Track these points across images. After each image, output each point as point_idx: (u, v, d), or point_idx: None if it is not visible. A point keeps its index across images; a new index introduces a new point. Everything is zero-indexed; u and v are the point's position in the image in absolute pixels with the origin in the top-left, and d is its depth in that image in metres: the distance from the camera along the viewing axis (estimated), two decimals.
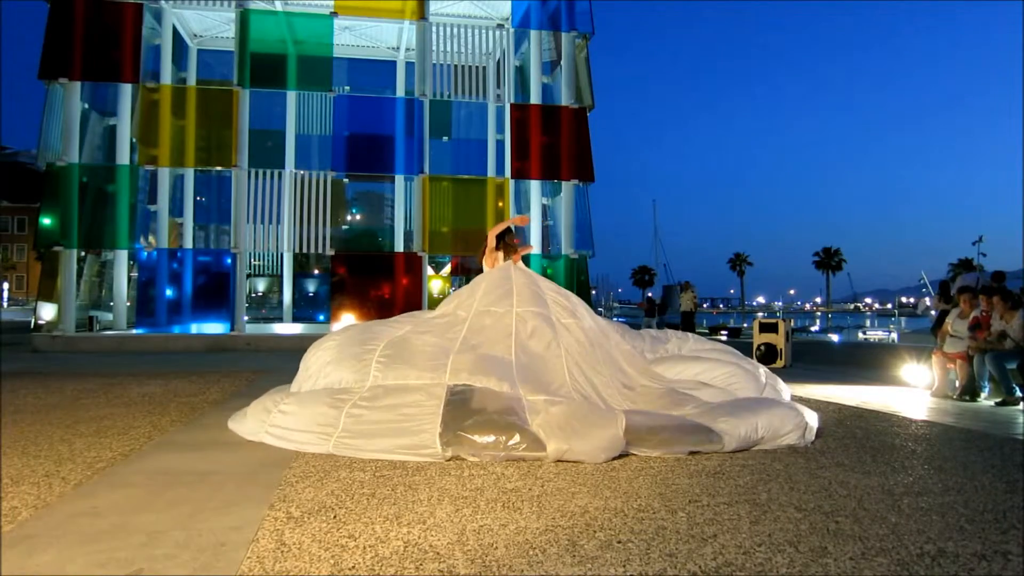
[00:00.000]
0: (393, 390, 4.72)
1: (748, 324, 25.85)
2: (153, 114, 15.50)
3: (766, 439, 4.59)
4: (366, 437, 4.37)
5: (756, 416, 4.66)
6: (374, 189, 28.17)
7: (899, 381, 8.78)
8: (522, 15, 17.66)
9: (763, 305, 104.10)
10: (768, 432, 4.60)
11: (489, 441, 4.22)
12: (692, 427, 4.53)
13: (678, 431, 4.48)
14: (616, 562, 2.54)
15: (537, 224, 17.44)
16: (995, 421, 6.06)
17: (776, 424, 4.66)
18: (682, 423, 4.61)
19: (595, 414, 4.46)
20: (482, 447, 4.21)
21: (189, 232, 18.57)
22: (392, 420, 4.43)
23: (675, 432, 4.46)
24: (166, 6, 16.71)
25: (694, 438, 4.43)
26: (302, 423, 4.61)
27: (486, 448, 4.20)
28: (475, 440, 4.23)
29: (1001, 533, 2.91)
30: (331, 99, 16.76)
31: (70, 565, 2.50)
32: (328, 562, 2.53)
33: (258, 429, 4.84)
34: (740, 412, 4.71)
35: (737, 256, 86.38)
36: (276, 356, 12.55)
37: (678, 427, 4.54)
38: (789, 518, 3.09)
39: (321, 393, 4.90)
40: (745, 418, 4.62)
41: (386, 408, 4.53)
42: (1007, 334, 7.13)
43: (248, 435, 4.88)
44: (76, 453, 4.34)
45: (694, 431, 4.48)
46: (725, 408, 4.84)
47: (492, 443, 4.21)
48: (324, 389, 4.98)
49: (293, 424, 4.65)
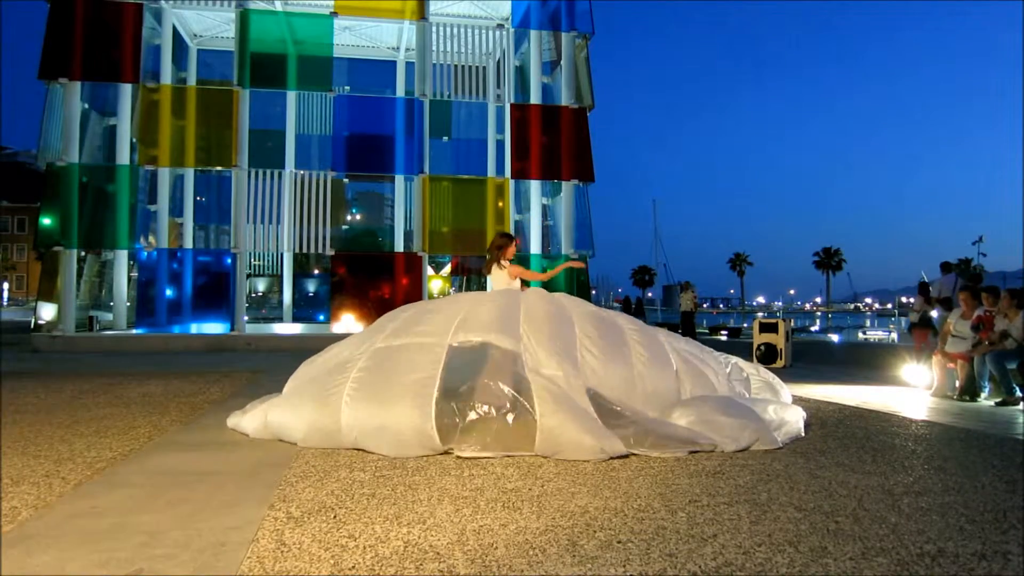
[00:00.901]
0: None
1: (748, 324, 25.85)
2: (153, 114, 15.50)
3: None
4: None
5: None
6: (374, 189, 28.20)
7: (899, 381, 8.78)
8: (522, 15, 17.66)
9: (763, 305, 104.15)
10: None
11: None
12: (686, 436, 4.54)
13: (670, 439, 4.49)
14: (616, 562, 2.54)
15: (537, 224, 17.44)
16: (995, 421, 6.06)
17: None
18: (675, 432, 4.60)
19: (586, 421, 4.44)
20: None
21: (189, 232, 18.58)
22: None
23: (667, 439, 4.47)
24: (166, 6, 16.72)
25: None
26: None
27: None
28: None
29: (1001, 533, 2.91)
30: (331, 99, 16.77)
31: (70, 565, 2.50)
32: (328, 562, 2.53)
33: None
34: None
35: (737, 256, 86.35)
36: (276, 356, 12.56)
37: (670, 435, 4.53)
38: (789, 518, 3.09)
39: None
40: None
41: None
42: (1009, 333, 7.12)
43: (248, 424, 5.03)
44: (76, 453, 4.34)
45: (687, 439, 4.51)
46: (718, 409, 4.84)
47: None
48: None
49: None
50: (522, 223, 18.26)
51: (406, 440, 4.33)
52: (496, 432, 4.33)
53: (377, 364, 4.76)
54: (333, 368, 5.04)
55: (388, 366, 4.71)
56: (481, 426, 4.34)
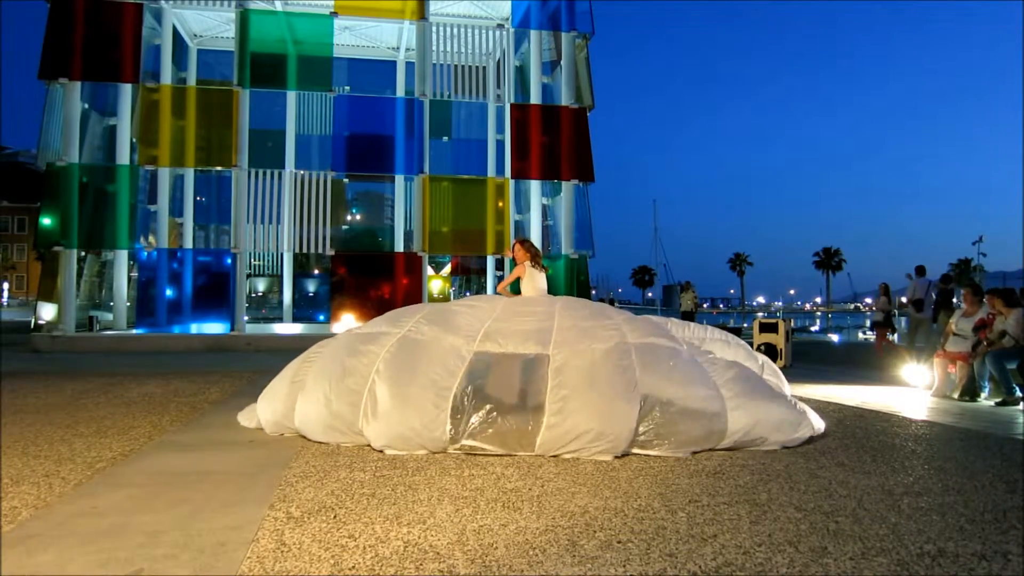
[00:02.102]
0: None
1: (748, 324, 25.82)
2: (153, 114, 15.49)
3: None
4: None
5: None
6: (374, 189, 28.18)
7: (899, 381, 8.78)
8: (522, 15, 17.65)
9: (763, 305, 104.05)
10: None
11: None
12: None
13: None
14: (616, 562, 2.54)
15: (537, 224, 17.44)
16: (995, 421, 6.06)
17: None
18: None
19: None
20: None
21: (189, 232, 18.57)
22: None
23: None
24: (166, 6, 16.71)
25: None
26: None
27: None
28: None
29: (1001, 533, 2.91)
30: (331, 99, 16.77)
31: (70, 565, 2.50)
32: (328, 562, 2.53)
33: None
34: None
35: (737, 256, 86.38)
36: (276, 356, 12.53)
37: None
38: (789, 518, 3.09)
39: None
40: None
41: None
42: (1007, 332, 7.12)
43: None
44: (76, 453, 4.34)
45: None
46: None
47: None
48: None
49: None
50: (522, 223, 18.26)
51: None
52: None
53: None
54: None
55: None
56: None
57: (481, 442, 4.35)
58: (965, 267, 70.63)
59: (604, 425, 4.29)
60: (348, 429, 4.60)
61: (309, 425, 4.74)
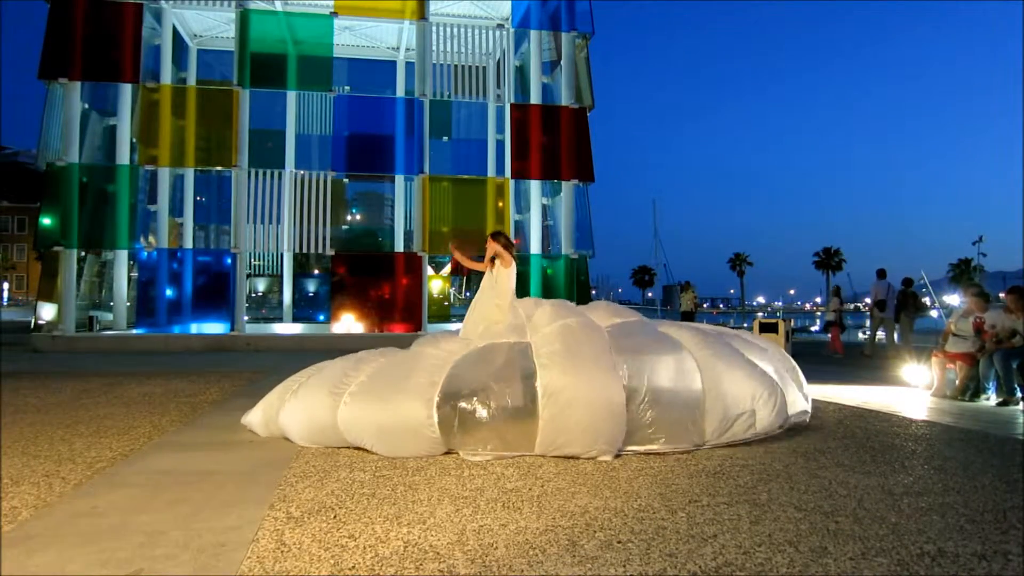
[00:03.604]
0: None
1: (748, 324, 25.80)
2: (153, 114, 15.50)
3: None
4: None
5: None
6: (374, 189, 28.20)
7: (899, 381, 8.78)
8: (522, 15, 17.65)
9: (763, 305, 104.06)
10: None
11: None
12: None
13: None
14: (616, 562, 2.54)
15: (537, 224, 17.44)
16: (995, 421, 6.06)
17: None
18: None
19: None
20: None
21: (189, 232, 18.58)
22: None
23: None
24: (166, 6, 16.72)
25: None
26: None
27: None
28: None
29: (1001, 533, 2.91)
30: (331, 99, 16.78)
31: (70, 565, 2.50)
32: (328, 562, 2.53)
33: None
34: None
35: (737, 256, 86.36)
36: (276, 356, 12.55)
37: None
38: (789, 518, 3.09)
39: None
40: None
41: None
42: (1017, 331, 7.09)
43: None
44: (76, 453, 4.34)
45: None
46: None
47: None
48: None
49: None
50: (522, 223, 18.26)
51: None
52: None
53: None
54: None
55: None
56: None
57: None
58: (965, 267, 70.64)
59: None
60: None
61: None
